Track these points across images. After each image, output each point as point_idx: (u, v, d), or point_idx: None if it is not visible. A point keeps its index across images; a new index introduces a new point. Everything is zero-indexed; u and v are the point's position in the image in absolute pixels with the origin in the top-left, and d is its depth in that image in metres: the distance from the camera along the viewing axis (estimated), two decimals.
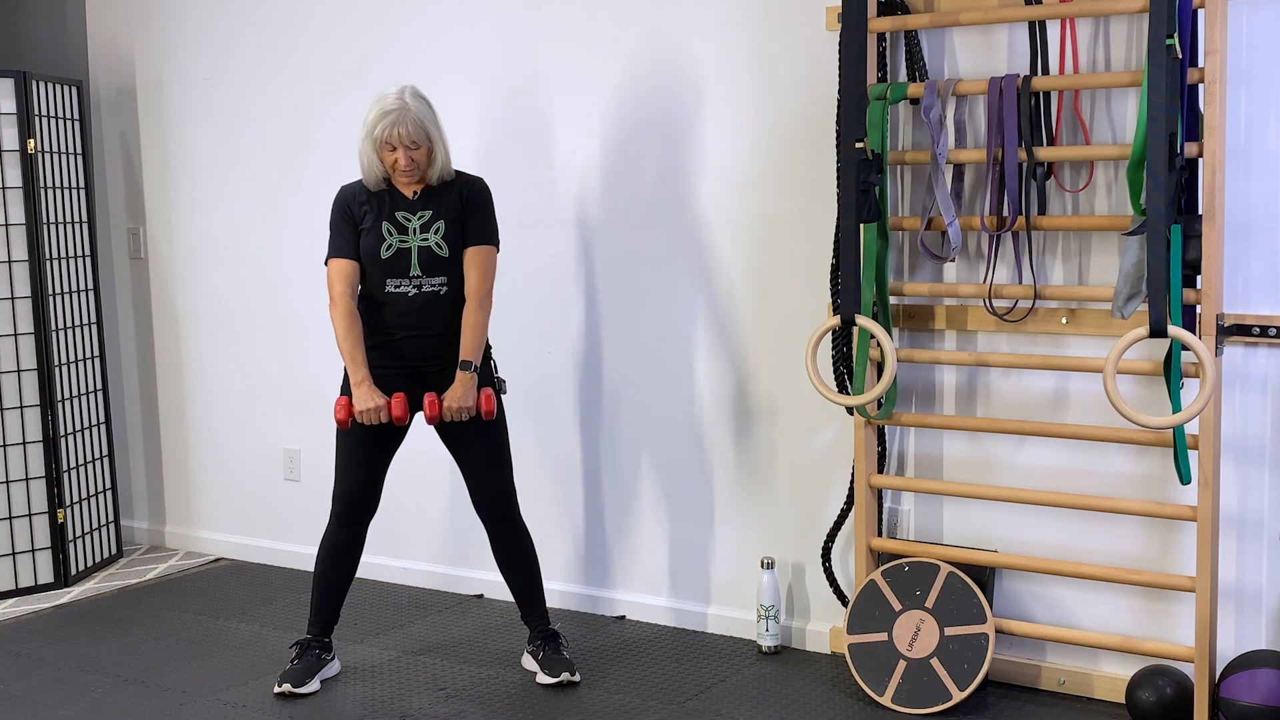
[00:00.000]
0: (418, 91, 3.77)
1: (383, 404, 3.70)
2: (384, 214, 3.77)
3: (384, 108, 3.70)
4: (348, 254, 3.78)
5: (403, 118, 3.67)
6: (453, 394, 3.71)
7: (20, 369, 4.86)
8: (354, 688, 3.90)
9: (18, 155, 4.83)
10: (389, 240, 3.74)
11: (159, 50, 5.26)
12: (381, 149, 3.71)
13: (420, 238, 3.74)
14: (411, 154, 3.70)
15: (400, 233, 3.74)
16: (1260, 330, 3.37)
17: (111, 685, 3.96)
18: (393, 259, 3.74)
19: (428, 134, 3.72)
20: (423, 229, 3.74)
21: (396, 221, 3.75)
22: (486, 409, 3.73)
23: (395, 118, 3.68)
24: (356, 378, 3.72)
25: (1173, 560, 3.57)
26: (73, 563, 5.04)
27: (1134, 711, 3.46)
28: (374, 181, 3.79)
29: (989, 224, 3.62)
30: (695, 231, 4.20)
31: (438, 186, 3.80)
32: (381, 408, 3.70)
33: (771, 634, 4.08)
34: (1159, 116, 3.22)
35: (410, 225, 3.75)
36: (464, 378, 3.72)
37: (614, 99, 4.30)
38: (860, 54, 3.65)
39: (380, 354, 3.79)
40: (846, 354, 3.87)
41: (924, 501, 3.93)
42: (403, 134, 3.67)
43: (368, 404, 3.70)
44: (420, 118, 3.71)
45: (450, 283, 3.77)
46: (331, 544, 3.91)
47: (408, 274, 3.75)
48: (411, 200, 3.78)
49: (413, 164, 3.71)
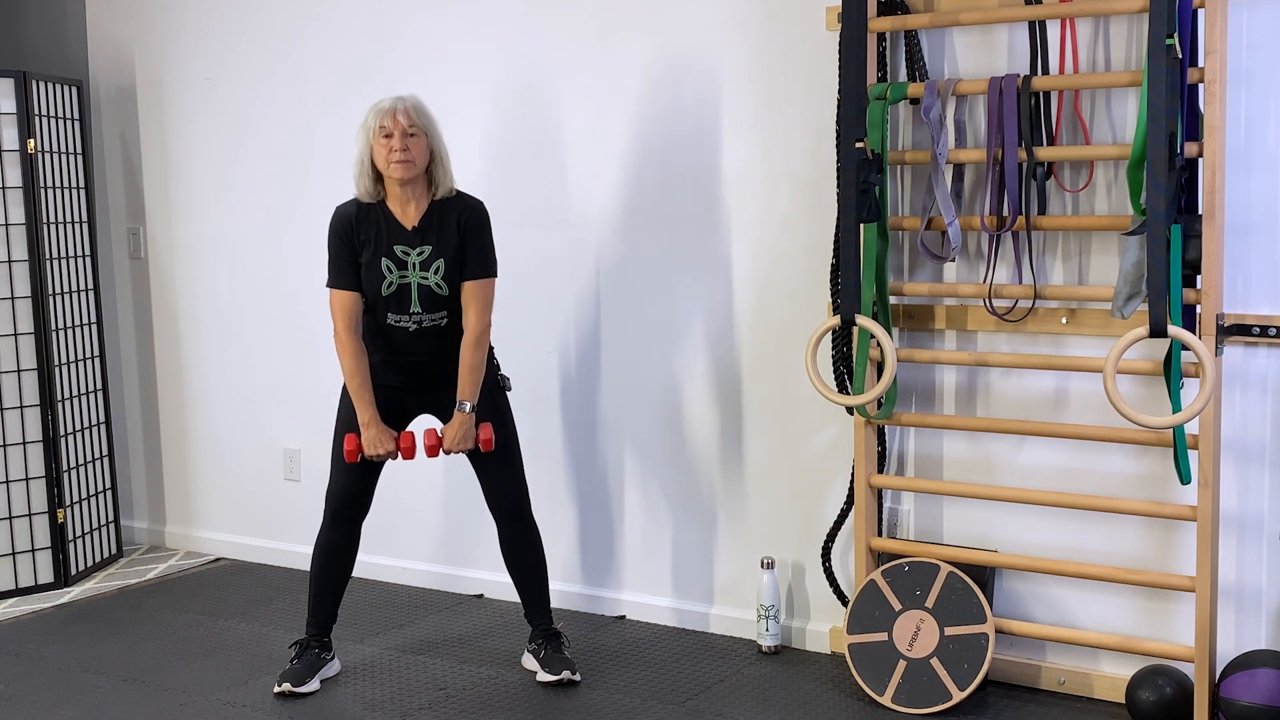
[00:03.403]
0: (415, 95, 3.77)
1: (392, 448, 3.77)
2: (382, 248, 3.71)
3: (381, 102, 3.71)
4: (349, 285, 3.74)
5: (400, 104, 3.67)
6: (452, 435, 3.76)
7: (20, 369, 4.86)
8: (354, 688, 3.90)
9: (18, 155, 4.83)
10: (389, 278, 3.72)
11: (159, 50, 5.26)
12: (376, 137, 3.67)
13: (420, 275, 3.72)
14: (409, 139, 3.65)
15: (400, 268, 3.71)
16: (1260, 330, 3.37)
17: (111, 685, 3.96)
18: (393, 296, 3.74)
19: (426, 124, 3.70)
20: (422, 266, 3.71)
21: (395, 257, 3.71)
22: (485, 442, 3.78)
23: (392, 104, 3.68)
24: (364, 417, 3.75)
25: (1173, 560, 3.57)
26: (73, 563, 5.03)
27: (1134, 711, 3.46)
28: (367, 191, 3.73)
29: (989, 224, 3.62)
30: (695, 231, 4.20)
31: (436, 213, 3.73)
32: (392, 451, 3.77)
33: (771, 634, 4.08)
34: (1159, 116, 3.22)
35: (409, 260, 3.71)
36: (462, 418, 3.75)
37: (614, 99, 4.29)
38: (860, 54, 3.65)
39: (385, 366, 3.81)
40: (846, 354, 3.87)
41: (924, 501, 3.93)
42: (400, 119, 3.65)
43: (377, 449, 3.75)
44: (420, 106, 3.71)
45: (451, 314, 3.79)
46: (326, 543, 3.92)
47: (408, 310, 3.75)
48: (410, 232, 3.72)
49: (408, 151, 3.65)
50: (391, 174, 3.68)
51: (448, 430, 3.76)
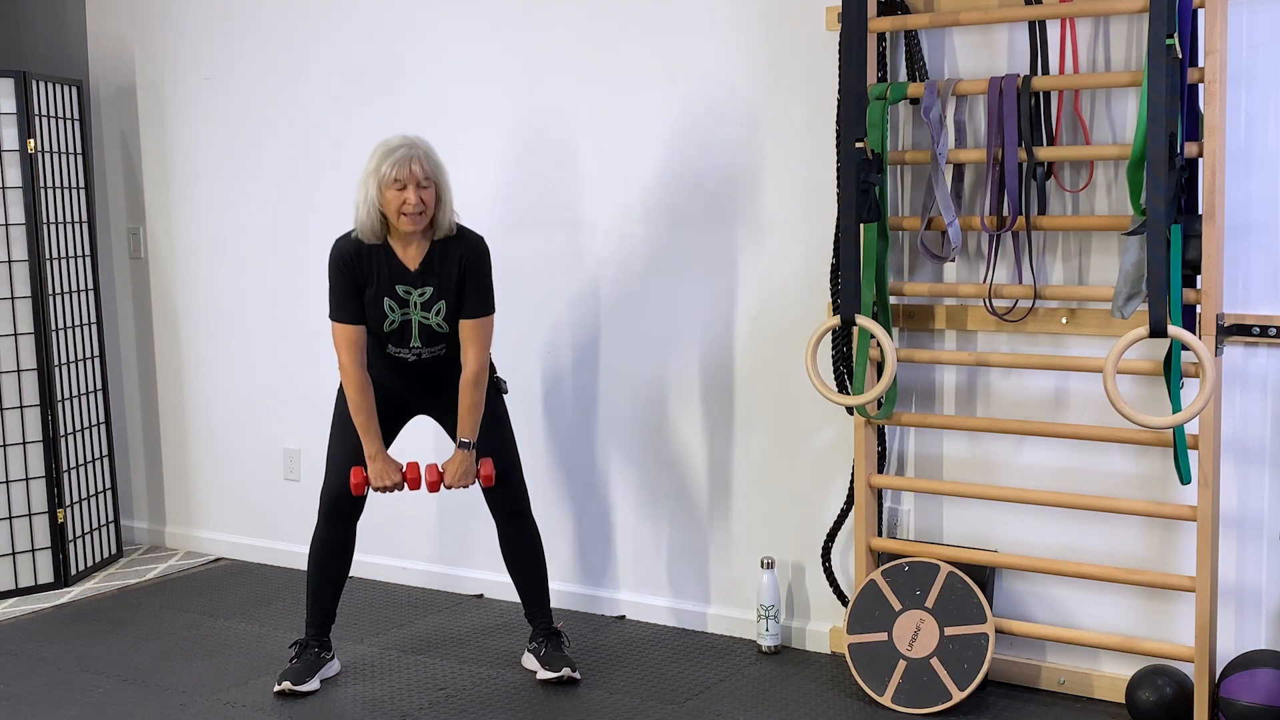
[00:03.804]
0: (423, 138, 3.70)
1: (399, 479, 3.79)
2: (384, 287, 3.69)
3: (390, 146, 3.61)
4: (354, 319, 3.72)
5: (414, 153, 3.59)
6: (453, 472, 3.78)
7: (20, 369, 4.86)
8: (354, 687, 3.90)
9: (18, 155, 4.83)
10: (391, 316, 3.72)
11: (159, 50, 5.26)
12: (389, 187, 3.58)
13: (421, 314, 3.72)
14: (422, 192, 3.60)
15: (402, 307, 3.71)
16: (1260, 330, 3.37)
17: (111, 685, 3.96)
18: (395, 331, 3.75)
19: (437, 173, 3.63)
20: (423, 307, 3.71)
21: (398, 296, 3.70)
22: (486, 478, 3.79)
23: (406, 153, 3.58)
24: (370, 450, 3.76)
25: (1173, 560, 3.57)
26: (73, 563, 5.03)
27: (1134, 711, 3.46)
28: (373, 234, 3.66)
29: (989, 224, 3.62)
30: (695, 231, 4.20)
31: (437, 253, 3.71)
32: (398, 483, 3.79)
33: (771, 634, 4.08)
34: (1159, 116, 3.22)
35: (411, 299, 3.70)
36: (462, 456, 3.77)
37: (614, 99, 4.29)
38: (860, 54, 3.65)
39: (386, 374, 3.84)
40: (846, 354, 3.87)
41: (924, 501, 3.93)
42: (415, 170, 3.57)
43: (384, 481, 3.77)
44: (431, 153, 3.64)
45: (449, 345, 3.81)
46: (322, 542, 3.92)
47: (408, 345, 3.77)
48: (412, 273, 3.69)
49: (422, 203, 3.60)
50: (402, 226, 3.63)
51: (449, 466, 3.79)
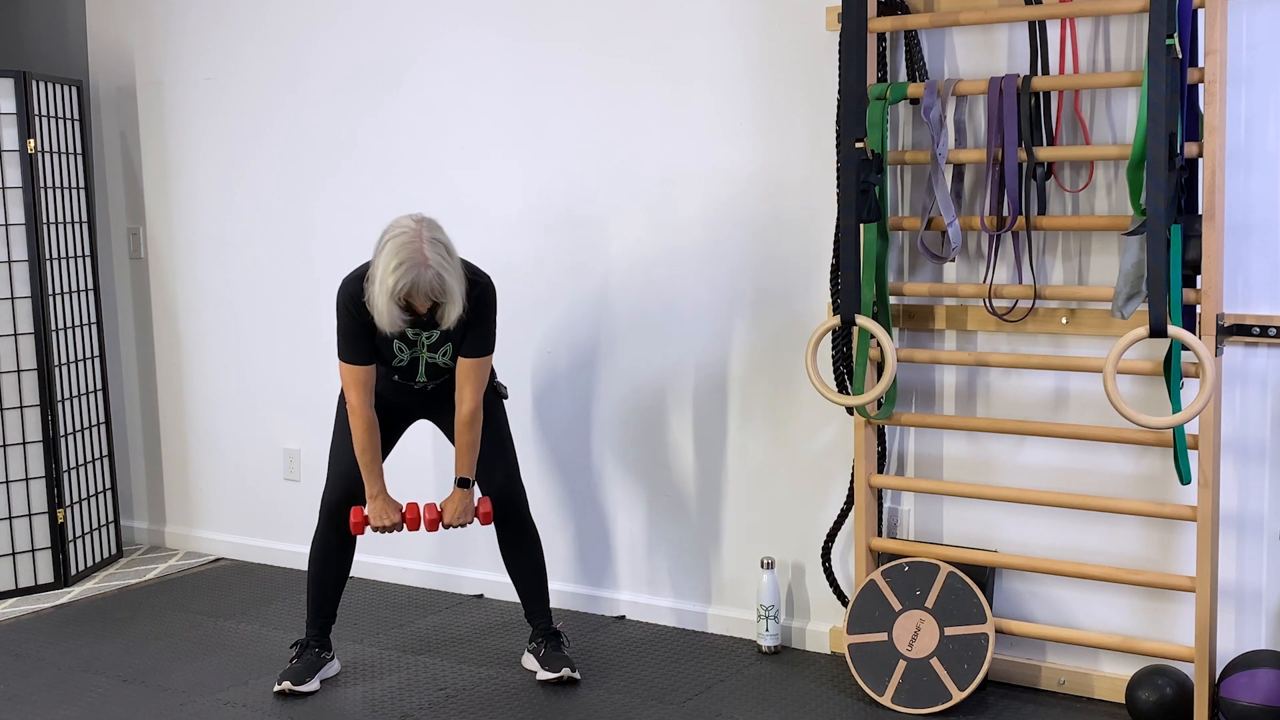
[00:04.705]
0: (434, 226, 3.55)
1: (398, 519, 3.80)
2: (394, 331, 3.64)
3: (399, 259, 3.46)
4: (364, 360, 3.70)
5: (422, 276, 3.46)
6: (452, 510, 3.80)
7: (20, 369, 4.86)
8: (354, 688, 3.90)
9: (18, 155, 4.83)
10: (400, 356, 3.75)
11: (159, 50, 5.26)
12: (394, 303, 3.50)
13: (429, 355, 3.75)
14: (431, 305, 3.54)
15: (410, 348, 3.74)
16: (1260, 330, 3.37)
17: (111, 685, 3.96)
18: (403, 368, 3.78)
19: (445, 286, 3.51)
20: (431, 348, 3.74)
21: (407, 339, 3.72)
22: (484, 516, 3.81)
23: (415, 276, 3.45)
24: (372, 490, 3.79)
25: (1173, 560, 3.57)
26: (73, 563, 5.03)
27: (1134, 711, 3.46)
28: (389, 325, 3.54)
29: (989, 224, 3.62)
30: (695, 231, 4.20)
31: None
32: (398, 523, 3.81)
33: (771, 634, 4.08)
34: (1159, 116, 3.22)
35: (420, 340, 3.73)
36: (461, 494, 3.80)
37: (614, 98, 4.29)
38: (860, 54, 3.65)
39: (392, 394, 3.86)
40: (846, 354, 3.87)
41: (924, 501, 3.93)
42: (425, 294, 3.50)
43: (383, 520, 3.79)
44: (440, 271, 3.47)
45: (453, 374, 3.82)
46: (323, 543, 3.92)
47: (414, 379, 3.81)
48: (422, 318, 3.60)
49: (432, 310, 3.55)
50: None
51: (447, 505, 3.81)
